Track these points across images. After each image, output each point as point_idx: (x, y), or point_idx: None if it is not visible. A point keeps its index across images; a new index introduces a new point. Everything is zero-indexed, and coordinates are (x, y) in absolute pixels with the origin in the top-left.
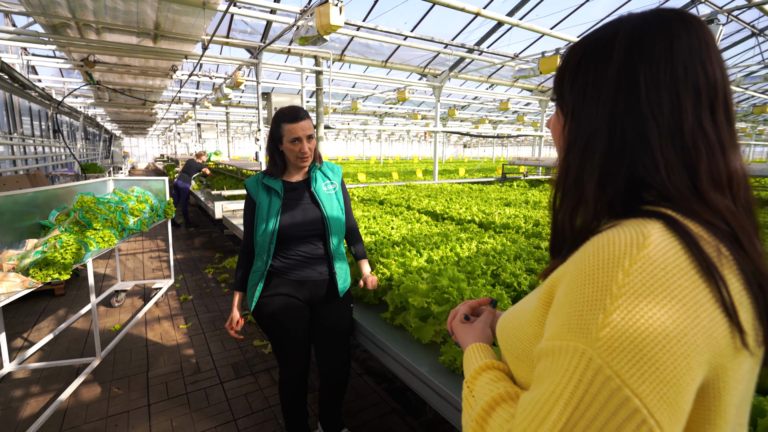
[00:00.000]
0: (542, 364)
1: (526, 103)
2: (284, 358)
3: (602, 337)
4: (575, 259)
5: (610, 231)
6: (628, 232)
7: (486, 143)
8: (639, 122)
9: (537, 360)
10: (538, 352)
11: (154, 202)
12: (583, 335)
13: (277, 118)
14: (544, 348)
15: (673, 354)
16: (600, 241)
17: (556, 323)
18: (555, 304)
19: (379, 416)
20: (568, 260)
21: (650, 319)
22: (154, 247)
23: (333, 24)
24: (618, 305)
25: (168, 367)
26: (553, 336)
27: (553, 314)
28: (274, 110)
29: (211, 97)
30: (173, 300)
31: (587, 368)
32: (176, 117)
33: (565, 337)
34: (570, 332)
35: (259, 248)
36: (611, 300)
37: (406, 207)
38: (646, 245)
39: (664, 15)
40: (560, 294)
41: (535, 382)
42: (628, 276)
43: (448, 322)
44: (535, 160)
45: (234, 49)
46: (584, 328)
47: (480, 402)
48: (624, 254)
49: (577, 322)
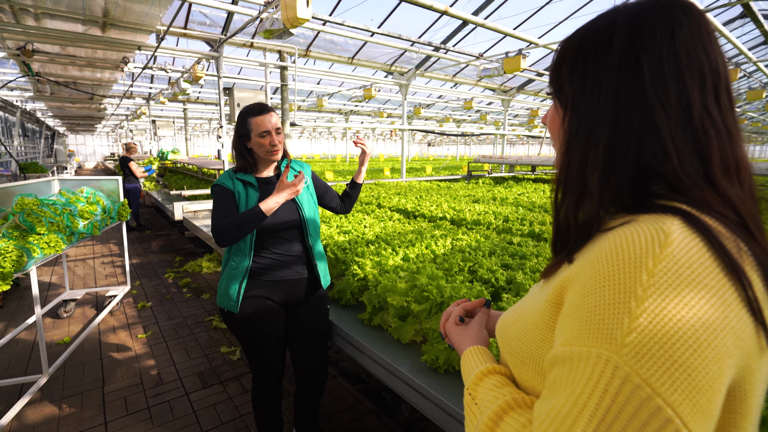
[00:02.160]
0: (558, 371)
1: (489, 102)
2: (258, 364)
3: (629, 343)
4: (589, 258)
5: (627, 228)
6: (648, 230)
7: (450, 141)
8: (645, 110)
9: (550, 366)
10: (552, 358)
11: (107, 204)
12: (607, 341)
13: (242, 115)
14: (560, 354)
15: (705, 359)
16: (617, 239)
17: (571, 327)
18: (568, 307)
19: (356, 418)
20: (579, 260)
21: (679, 323)
22: (107, 251)
23: (300, 17)
24: (644, 308)
25: (126, 380)
26: (569, 341)
27: (566, 318)
28: (237, 106)
29: (168, 92)
30: (130, 308)
31: (613, 376)
32: (128, 113)
33: (585, 343)
34: (590, 338)
35: (238, 245)
36: (637, 303)
37: (377, 205)
38: (669, 243)
39: (662, 2)
40: (574, 296)
41: (550, 390)
42: (653, 277)
43: (441, 325)
44: (499, 157)
45: (192, 42)
46: (607, 333)
47: (486, 411)
48: (646, 253)
49: (598, 326)
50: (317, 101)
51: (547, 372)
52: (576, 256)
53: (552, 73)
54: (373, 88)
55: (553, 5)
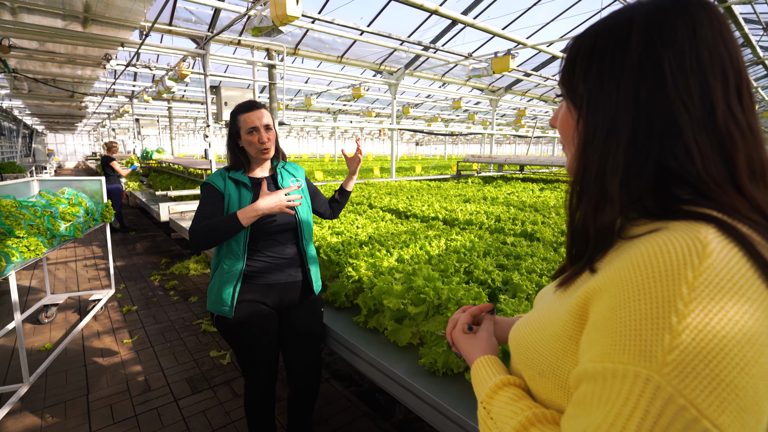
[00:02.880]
0: (588, 388)
1: (477, 102)
2: (251, 369)
3: (671, 362)
4: (619, 269)
5: (659, 237)
6: (683, 239)
7: (438, 141)
8: (667, 110)
9: (576, 381)
10: (581, 374)
11: (89, 205)
12: (646, 359)
13: (233, 113)
14: (590, 370)
15: (753, 377)
16: (650, 248)
17: (602, 342)
18: (597, 320)
19: (350, 421)
20: (605, 269)
21: (724, 339)
22: (89, 254)
23: (290, 14)
24: (687, 324)
25: (112, 387)
26: (601, 357)
27: (595, 331)
28: (224, 105)
29: (152, 90)
30: (115, 312)
31: (655, 396)
32: (110, 111)
33: (620, 360)
34: (626, 354)
35: (230, 246)
36: (678, 318)
37: (369, 205)
38: (708, 254)
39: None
40: (603, 309)
41: (579, 407)
42: (694, 290)
43: (448, 333)
44: (488, 157)
45: (177, 39)
46: (646, 350)
47: (506, 428)
48: (684, 265)
49: (634, 343)
50: (305, 100)
51: (573, 387)
52: (599, 265)
53: (564, 73)
54: (362, 87)
55: (540, 6)
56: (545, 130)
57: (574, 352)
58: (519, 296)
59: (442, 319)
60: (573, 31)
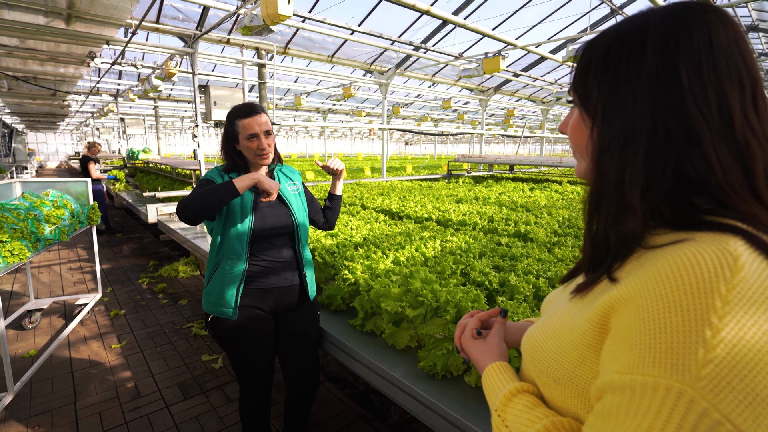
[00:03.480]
0: (615, 399)
1: (466, 102)
2: (246, 375)
3: (705, 376)
4: (645, 280)
5: (687, 249)
6: (713, 252)
7: (427, 140)
8: (685, 119)
9: (600, 392)
10: (606, 385)
11: (75, 207)
12: (678, 372)
13: (230, 116)
14: (617, 382)
15: None
16: (679, 261)
17: (630, 354)
18: (622, 331)
19: (346, 424)
20: (628, 280)
21: (760, 353)
22: (74, 257)
23: (281, 13)
24: (722, 338)
25: (101, 394)
26: (629, 369)
27: (621, 342)
28: (213, 104)
29: (138, 89)
30: (102, 316)
31: (688, 411)
32: (94, 110)
33: (651, 373)
34: (657, 367)
35: (232, 246)
36: (713, 332)
37: (361, 206)
38: (740, 268)
39: (694, 7)
40: (630, 320)
41: (603, 418)
42: (728, 304)
43: (456, 338)
44: (478, 157)
45: (163, 37)
46: (679, 364)
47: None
48: (717, 278)
49: (665, 356)
50: (295, 99)
51: (594, 397)
52: (619, 274)
53: (576, 80)
54: (352, 86)
55: (529, 8)
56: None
57: (593, 360)
58: (517, 298)
59: (441, 321)
60: (561, 32)
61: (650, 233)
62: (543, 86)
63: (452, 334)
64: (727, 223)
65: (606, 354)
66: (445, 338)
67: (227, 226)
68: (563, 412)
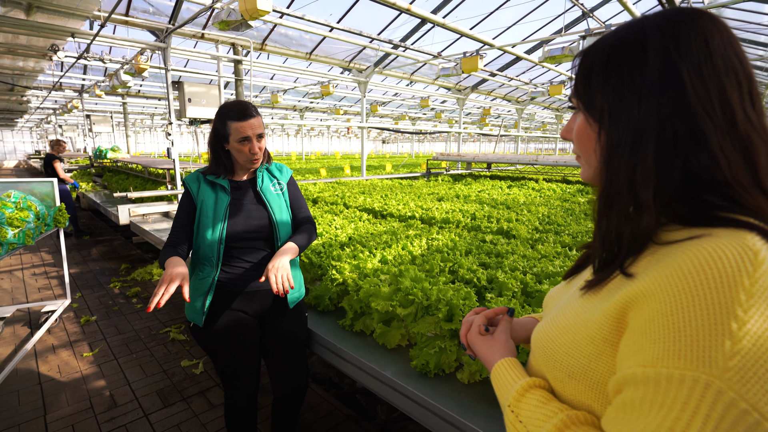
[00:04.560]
0: (637, 392)
1: (443, 100)
2: (232, 381)
3: (732, 367)
4: (665, 275)
5: (707, 244)
6: (733, 247)
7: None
8: (690, 119)
9: (620, 385)
10: (627, 378)
11: (40, 209)
12: (705, 364)
13: (222, 114)
14: (640, 375)
15: None
16: (700, 256)
17: (653, 348)
18: (643, 325)
19: (334, 425)
20: (646, 276)
21: None
22: (38, 261)
23: (260, 8)
24: (747, 330)
25: (73, 405)
26: (652, 362)
27: (642, 336)
28: (187, 101)
29: (105, 84)
30: (72, 323)
31: (716, 401)
32: (57, 106)
33: (676, 365)
34: (682, 360)
35: (204, 253)
36: (738, 324)
37: (344, 205)
38: (761, 262)
39: (688, 12)
40: (651, 314)
41: (626, 411)
42: (752, 297)
43: (462, 335)
44: (456, 155)
45: (132, 30)
46: (705, 356)
47: (538, 431)
48: (739, 272)
49: (691, 348)
50: (272, 97)
51: (613, 391)
52: (634, 270)
53: (579, 86)
54: (331, 84)
55: (504, 9)
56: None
57: (609, 354)
58: (505, 294)
59: (432, 319)
60: (536, 33)
61: (661, 229)
62: (518, 86)
63: (444, 332)
64: (741, 219)
65: (625, 348)
66: (436, 336)
67: (199, 232)
68: (576, 406)
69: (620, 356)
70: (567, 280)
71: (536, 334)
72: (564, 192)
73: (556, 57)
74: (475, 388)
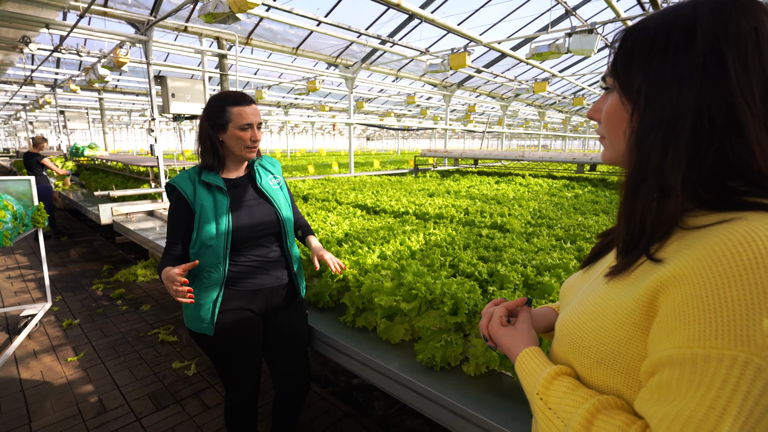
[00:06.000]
0: (673, 373)
1: (428, 97)
2: (234, 381)
3: None
4: (698, 258)
5: (739, 228)
6: (766, 229)
7: (389, 136)
8: (729, 109)
9: (653, 367)
10: (661, 359)
11: (17, 209)
12: (744, 343)
13: (219, 101)
14: (676, 356)
15: None
16: (733, 238)
17: (688, 329)
18: (677, 308)
19: (333, 423)
20: (676, 259)
21: None
22: (12, 263)
23: (249, 1)
24: None
25: (59, 412)
26: (688, 344)
27: (676, 319)
28: (171, 96)
29: (80, 78)
30: (53, 328)
31: (756, 378)
32: (27, 102)
33: (714, 345)
34: (719, 339)
35: (209, 258)
36: None
37: (336, 201)
38: None
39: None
40: (684, 297)
41: (660, 391)
42: None
43: (482, 326)
44: (444, 151)
45: (110, 22)
46: (743, 335)
47: (574, 416)
48: None
49: (728, 328)
50: (256, 93)
51: (646, 374)
52: (663, 255)
53: (618, 65)
54: (317, 80)
55: (490, 6)
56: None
57: (640, 339)
58: (507, 287)
59: (437, 313)
60: (521, 30)
61: (687, 215)
62: (503, 83)
63: (449, 326)
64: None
65: (657, 332)
66: (441, 330)
67: (200, 238)
68: (604, 392)
69: (652, 340)
70: (584, 269)
71: (561, 322)
72: (551, 187)
73: (542, 54)
74: (480, 380)
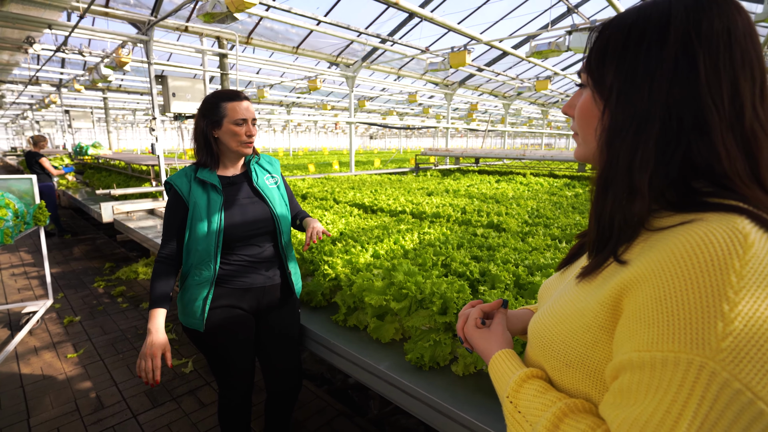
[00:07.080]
0: (634, 377)
1: (430, 96)
2: (227, 379)
3: (725, 348)
4: (658, 260)
5: (698, 229)
6: (723, 230)
7: (392, 134)
8: (698, 109)
9: (616, 370)
10: (623, 363)
11: (19, 207)
12: (699, 346)
13: (213, 98)
14: (636, 359)
15: None
16: (691, 240)
17: (647, 332)
18: (638, 311)
19: (327, 422)
20: (638, 262)
21: None
22: (16, 261)
23: (247, 0)
24: (739, 312)
25: (58, 408)
26: (647, 347)
27: (636, 322)
28: (172, 96)
29: (84, 78)
30: (54, 324)
31: (710, 382)
32: (34, 101)
33: (670, 348)
34: (676, 343)
35: (200, 255)
36: (730, 306)
37: (334, 200)
38: (751, 245)
39: None
40: (645, 299)
41: (622, 396)
42: (743, 279)
43: (459, 328)
44: (445, 150)
45: (112, 22)
46: (698, 338)
47: (540, 420)
48: (730, 255)
49: (684, 331)
50: (258, 92)
51: (610, 377)
52: (627, 257)
53: (592, 62)
54: (318, 79)
55: (490, 4)
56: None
57: (606, 342)
58: (498, 287)
59: (427, 313)
60: (522, 28)
61: (653, 216)
62: (505, 81)
63: (438, 325)
64: (730, 204)
65: (620, 334)
66: (431, 329)
67: (195, 232)
68: (573, 395)
69: (616, 342)
70: (561, 271)
71: (533, 324)
72: (551, 186)
73: (543, 52)
74: (469, 380)
